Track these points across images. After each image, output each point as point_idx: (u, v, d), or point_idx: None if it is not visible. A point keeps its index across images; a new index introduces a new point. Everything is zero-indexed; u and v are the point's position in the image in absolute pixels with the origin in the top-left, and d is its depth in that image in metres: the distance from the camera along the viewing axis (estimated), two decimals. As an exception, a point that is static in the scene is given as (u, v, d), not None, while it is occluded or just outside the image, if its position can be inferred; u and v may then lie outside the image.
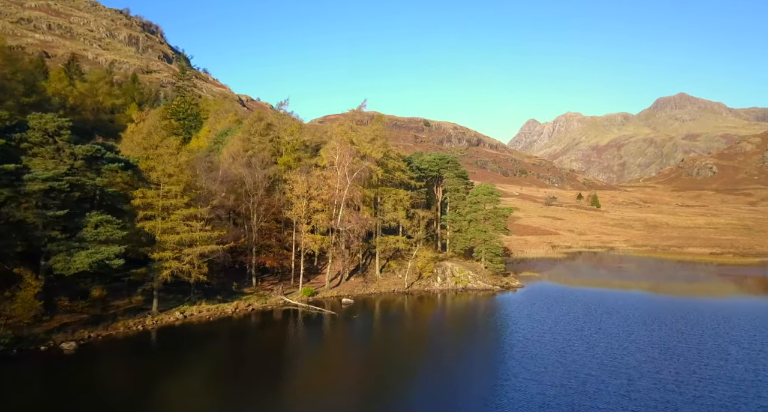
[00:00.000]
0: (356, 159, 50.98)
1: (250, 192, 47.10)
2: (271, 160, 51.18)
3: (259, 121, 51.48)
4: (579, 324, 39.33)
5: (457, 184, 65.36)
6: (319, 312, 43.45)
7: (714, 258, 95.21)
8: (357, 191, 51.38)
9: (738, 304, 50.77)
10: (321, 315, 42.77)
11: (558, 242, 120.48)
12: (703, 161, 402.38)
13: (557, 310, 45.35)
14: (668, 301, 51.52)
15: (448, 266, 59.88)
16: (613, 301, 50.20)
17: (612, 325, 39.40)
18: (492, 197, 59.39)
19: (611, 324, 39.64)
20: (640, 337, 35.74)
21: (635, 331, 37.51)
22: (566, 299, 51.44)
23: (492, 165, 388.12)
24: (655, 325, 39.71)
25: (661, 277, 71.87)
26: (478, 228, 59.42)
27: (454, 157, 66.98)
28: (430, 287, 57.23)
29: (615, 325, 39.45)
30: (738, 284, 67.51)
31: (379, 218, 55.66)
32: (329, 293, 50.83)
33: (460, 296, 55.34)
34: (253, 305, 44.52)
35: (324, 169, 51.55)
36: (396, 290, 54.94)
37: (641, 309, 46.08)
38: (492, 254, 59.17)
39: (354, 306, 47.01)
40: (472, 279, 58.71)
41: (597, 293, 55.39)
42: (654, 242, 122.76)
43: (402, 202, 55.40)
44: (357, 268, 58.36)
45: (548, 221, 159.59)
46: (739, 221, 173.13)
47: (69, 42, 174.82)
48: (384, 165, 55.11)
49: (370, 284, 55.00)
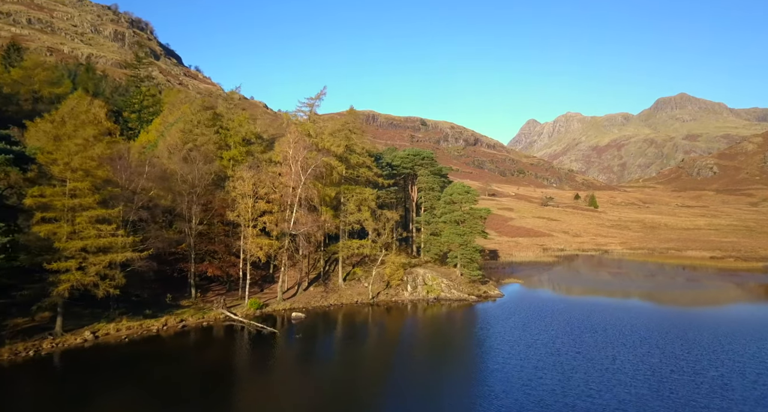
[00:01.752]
0: (312, 153, 45.32)
1: (188, 191, 41.41)
2: (217, 155, 45.53)
3: (204, 111, 45.84)
4: (556, 346, 33.62)
5: (432, 183, 59.63)
6: (260, 329, 37.78)
7: (715, 262, 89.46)
8: (313, 190, 45.72)
9: (741, 317, 45.05)
10: (264, 333, 37.10)
11: (550, 245, 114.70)
12: (704, 161, 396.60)
13: (534, 326, 39.65)
14: (661, 315, 45.80)
15: (419, 273, 54.20)
16: (599, 315, 44.51)
17: (594, 347, 33.68)
18: (468, 197, 53.66)
19: (593, 346, 33.93)
20: (625, 364, 30.04)
21: (620, 355, 31.81)
22: (547, 311, 45.76)
23: (489, 165, 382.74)
24: (644, 347, 34.00)
25: (656, 284, 66.11)
26: (452, 231, 53.71)
27: (430, 153, 61.26)
28: (398, 297, 51.54)
29: (597, 347, 33.73)
30: (741, 293, 61.75)
31: (342, 220, 49.97)
32: (282, 305, 45.15)
33: (431, 307, 49.67)
34: (187, 320, 38.86)
35: (279, 165, 45.93)
36: (360, 301, 49.27)
37: (629, 326, 40.36)
38: (467, 260, 53.48)
39: (305, 321, 41.33)
40: (446, 288, 53.01)
41: (583, 305, 49.70)
42: (651, 244, 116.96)
43: (367, 202, 49.72)
44: (318, 276, 52.70)
45: (542, 222, 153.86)
46: (740, 222, 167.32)
47: (47, 36, 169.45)
48: (346, 160, 49.46)
49: (330, 295, 49.32)
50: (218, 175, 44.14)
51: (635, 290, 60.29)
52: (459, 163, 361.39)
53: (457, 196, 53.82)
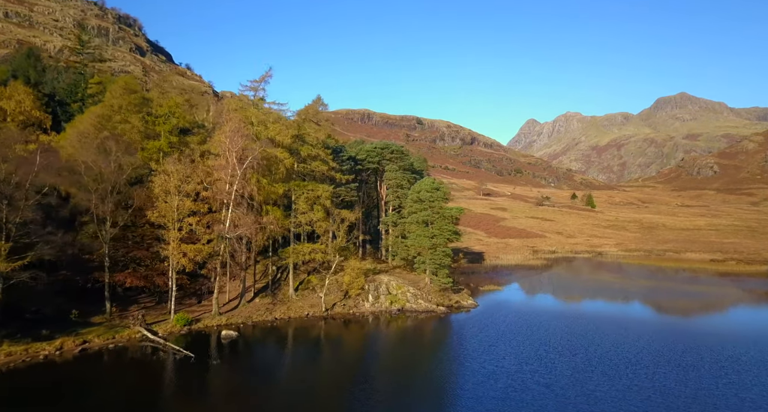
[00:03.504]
0: (254, 143, 39.28)
1: (100, 187, 35.33)
2: (142, 145, 39.50)
3: (127, 94, 39.79)
4: (523, 377, 27.55)
5: (401, 179, 53.60)
6: (176, 352, 31.73)
7: (715, 266, 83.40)
8: (252, 186, 39.71)
9: (748, 334, 38.99)
10: (184, 356, 31.03)
11: (542, 246, 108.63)
12: (704, 160, 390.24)
13: (503, 347, 33.60)
14: (654, 331, 39.72)
15: (383, 280, 48.15)
16: (581, 331, 38.45)
17: (569, 379, 27.63)
18: (438, 194, 47.59)
19: (568, 377, 27.88)
20: (605, 403, 24.00)
21: (598, 389, 25.76)
22: (523, 326, 39.71)
23: (486, 164, 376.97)
24: (630, 377, 27.96)
25: (650, 292, 60.03)
26: (420, 233, 47.68)
27: (399, 147, 55.28)
28: (358, 309, 45.49)
29: (573, 378, 27.69)
30: (745, 303, 55.69)
31: (292, 220, 43.92)
32: (216, 320, 39.10)
33: (394, 320, 43.65)
34: (92, 341, 32.82)
35: (217, 158, 39.90)
36: (311, 314, 43.23)
37: (615, 346, 34.33)
38: (436, 266, 47.44)
39: (237, 340, 35.26)
40: (412, 298, 46.97)
41: (565, 317, 43.63)
42: (648, 245, 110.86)
43: (321, 201, 43.69)
44: (266, 286, 46.65)
45: (536, 222, 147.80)
46: (742, 222, 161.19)
47: (24, 30, 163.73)
48: (296, 152, 43.42)
49: (278, 307, 43.28)
50: (142, 169, 38.09)
51: (626, 300, 54.22)
52: (455, 162, 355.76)
53: (425, 194, 47.77)
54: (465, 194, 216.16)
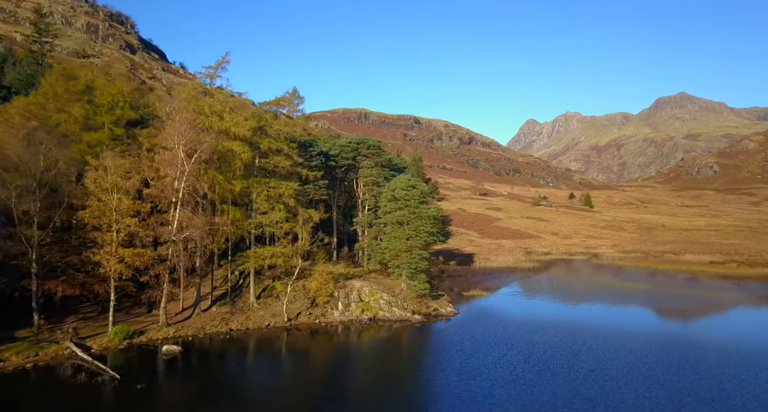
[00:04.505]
0: (203, 135, 35.42)
1: (21, 184, 31.43)
2: (79, 138, 35.61)
3: (65, 80, 35.95)
4: (492, 404, 23.66)
5: (377, 177, 49.76)
6: (102, 372, 27.84)
7: (715, 268, 79.52)
8: (204, 183, 35.88)
9: (752, 349, 35.14)
10: (109, 378, 27.17)
11: (536, 247, 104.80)
12: (704, 160, 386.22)
13: (477, 364, 29.73)
14: (646, 346, 35.83)
15: (355, 286, 44.29)
16: (564, 346, 34.58)
17: (544, 404, 23.76)
18: (414, 193, 43.71)
19: (544, 402, 24.01)
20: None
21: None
22: (503, 339, 35.84)
23: (484, 164, 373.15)
24: (615, 407, 24.10)
25: (644, 300, 56.16)
26: (394, 234, 43.80)
27: (376, 142, 51.42)
28: (326, 318, 41.62)
29: (550, 405, 23.82)
30: (749, 310, 51.81)
31: (251, 221, 40.03)
32: (163, 332, 35.24)
33: (366, 330, 39.82)
34: (9, 360, 29.04)
35: (166, 152, 36.02)
36: (273, 325, 39.36)
37: (601, 366, 30.47)
38: (412, 270, 43.57)
39: (179, 357, 31.37)
40: (385, 305, 43.09)
41: (549, 328, 39.71)
42: (646, 247, 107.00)
43: (283, 199, 39.82)
44: (226, 293, 42.77)
45: (531, 222, 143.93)
46: (742, 222, 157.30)
47: (6, 26, 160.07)
48: (255, 146, 39.52)
49: (236, 317, 39.41)
50: (81, 164, 34.22)
51: (617, 308, 50.31)
52: (453, 162, 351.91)
53: (400, 192, 43.88)
54: (461, 194, 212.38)
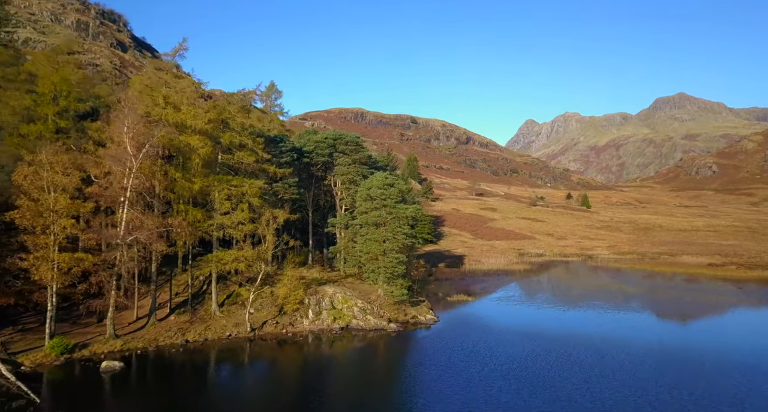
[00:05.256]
0: (156, 127, 32.47)
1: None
2: (19, 130, 32.67)
3: (3, 67, 32.93)
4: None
5: (353, 175, 46.81)
6: (23, 395, 24.86)
7: (714, 271, 76.64)
8: (157, 180, 32.95)
9: (753, 363, 32.29)
10: (29, 403, 24.18)
11: (529, 249, 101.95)
12: (703, 160, 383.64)
13: (449, 381, 26.81)
14: (637, 360, 32.92)
15: (327, 293, 41.34)
16: (547, 359, 31.66)
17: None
18: (391, 192, 40.78)
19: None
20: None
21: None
22: (483, 350, 32.92)
23: (481, 164, 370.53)
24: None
25: (637, 306, 53.30)
26: (370, 237, 40.87)
27: (354, 136, 48.48)
28: (294, 327, 38.66)
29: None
30: (751, 317, 48.94)
31: (212, 222, 37.06)
32: (109, 345, 32.26)
33: (338, 339, 36.92)
34: (-76, 376, 25.94)
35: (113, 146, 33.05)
36: (235, 335, 36.41)
37: (586, 384, 27.56)
38: (389, 275, 40.63)
39: (120, 374, 28.37)
40: (359, 313, 40.15)
41: (535, 337, 36.80)
42: (643, 248, 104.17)
43: (246, 198, 36.88)
44: (187, 300, 39.77)
45: (526, 223, 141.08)
46: (741, 223, 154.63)
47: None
48: (215, 139, 36.55)
49: (195, 327, 36.45)
50: (11, 159, 31.26)
51: (610, 313, 47.40)
52: (450, 162, 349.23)
53: (376, 191, 40.93)
54: (456, 194, 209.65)
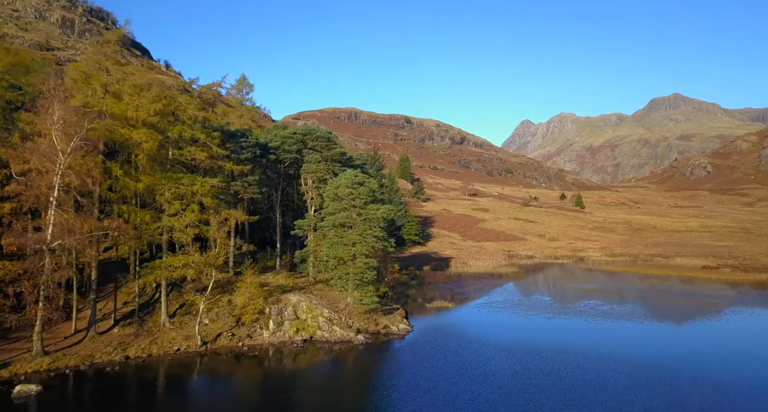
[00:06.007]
0: (92, 119, 29.15)
1: None
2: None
3: None
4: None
5: (323, 172, 43.55)
6: None
7: (708, 274, 73.89)
8: (92, 177, 29.62)
9: (749, 379, 29.35)
10: None
11: (519, 250, 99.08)
12: (698, 160, 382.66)
13: (411, 405, 23.62)
14: (623, 379, 29.88)
15: (291, 301, 38.08)
16: (524, 380, 28.56)
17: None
18: (361, 191, 37.58)
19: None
20: None
21: None
22: (454, 368, 29.79)
23: (476, 164, 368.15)
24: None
25: (626, 313, 50.38)
26: (337, 240, 37.65)
27: (326, 132, 45.30)
28: (253, 340, 35.39)
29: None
30: (748, 325, 46.07)
31: (160, 225, 33.71)
32: (36, 363, 28.80)
33: (302, 354, 33.66)
34: None
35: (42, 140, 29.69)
36: (185, 349, 33.09)
37: (565, 408, 24.45)
38: (358, 281, 37.43)
39: (36, 400, 24.99)
40: (325, 323, 36.92)
41: (511, 353, 33.70)
42: (635, 249, 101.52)
43: (197, 198, 33.57)
44: (133, 312, 36.33)
45: (518, 223, 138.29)
46: (736, 223, 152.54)
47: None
48: (162, 132, 33.22)
49: (139, 340, 33.10)
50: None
51: (595, 322, 44.40)
52: (444, 162, 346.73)
53: (344, 191, 37.70)
54: (449, 195, 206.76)
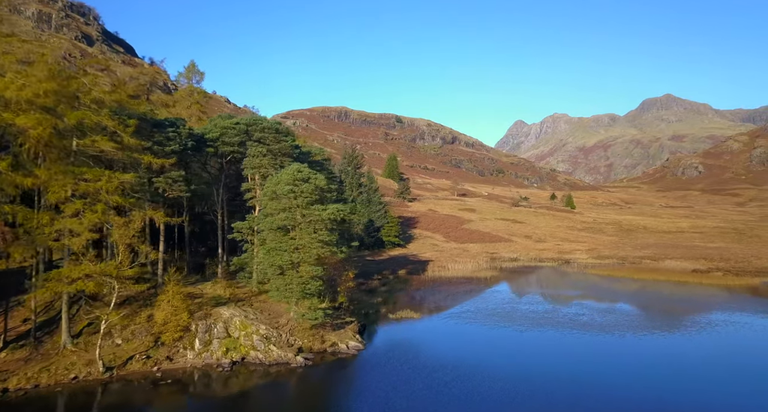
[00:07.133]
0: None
1: None
2: None
3: None
4: None
5: (267, 167, 38.48)
6: None
7: (698, 278, 69.76)
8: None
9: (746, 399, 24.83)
10: None
11: (504, 253, 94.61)
12: (689, 160, 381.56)
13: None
14: (595, 405, 25.23)
15: (223, 316, 33.10)
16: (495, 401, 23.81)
17: None
18: (305, 188, 32.66)
19: None
20: None
21: None
22: (402, 399, 24.96)
23: (467, 164, 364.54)
24: None
25: (609, 323, 45.89)
26: (275, 245, 32.70)
27: (275, 123, 40.30)
28: (173, 363, 30.38)
29: None
30: (745, 340, 41.70)
31: (55, 228, 28.59)
32: None
33: (234, 378, 28.73)
34: None
35: None
36: (86, 376, 28.02)
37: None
38: (301, 292, 32.51)
39: None
40: (260, 342, 31.97)
41: (473, 378, 28.96)
42: (624, 251, 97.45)
43: (102, 196, 28.49)
44: (29, 332, 31.12)
45: (505, 224, 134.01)
46: (728, 224, 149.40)
47: None
48: (59, 117, 28.08)
49: (30, 366, 27.96)
50: None
51: (572, 338, 39.80)
52: (435, 162, 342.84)
53: (284, 188, 32.71)
54: (438, 195, 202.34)
